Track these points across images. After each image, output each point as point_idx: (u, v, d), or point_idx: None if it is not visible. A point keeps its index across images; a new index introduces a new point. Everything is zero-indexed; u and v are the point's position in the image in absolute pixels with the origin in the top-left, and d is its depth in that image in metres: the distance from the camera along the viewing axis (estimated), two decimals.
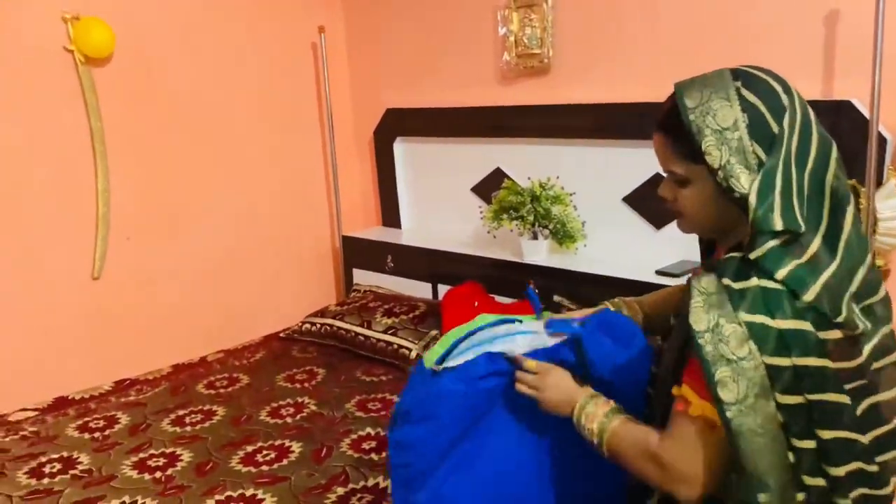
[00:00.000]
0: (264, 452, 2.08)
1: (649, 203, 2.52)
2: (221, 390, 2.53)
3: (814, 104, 1.14)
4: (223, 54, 3.01)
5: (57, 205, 2.65)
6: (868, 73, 1.92)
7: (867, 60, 1.92)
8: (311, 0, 3.30)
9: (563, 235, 2.63)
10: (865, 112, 1.98)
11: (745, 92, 1.10)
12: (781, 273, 1.04)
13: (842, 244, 1.08)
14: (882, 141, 1.98)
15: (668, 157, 1.18)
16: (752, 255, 1.06)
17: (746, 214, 1.06)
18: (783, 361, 1.02)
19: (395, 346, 2.64)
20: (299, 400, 2.42)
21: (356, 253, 3.31)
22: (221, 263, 3.08)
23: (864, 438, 1.04)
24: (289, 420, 2.28)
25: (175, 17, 2.88)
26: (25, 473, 2.03)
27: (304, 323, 2.99)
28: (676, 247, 2.45)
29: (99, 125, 2.72)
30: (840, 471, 1.03)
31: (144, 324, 2.87)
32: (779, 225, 1.04)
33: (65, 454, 2.13)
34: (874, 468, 1.06)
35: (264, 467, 2.00)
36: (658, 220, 2.53)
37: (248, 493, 1.88)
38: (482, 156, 3.00)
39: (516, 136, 2.86)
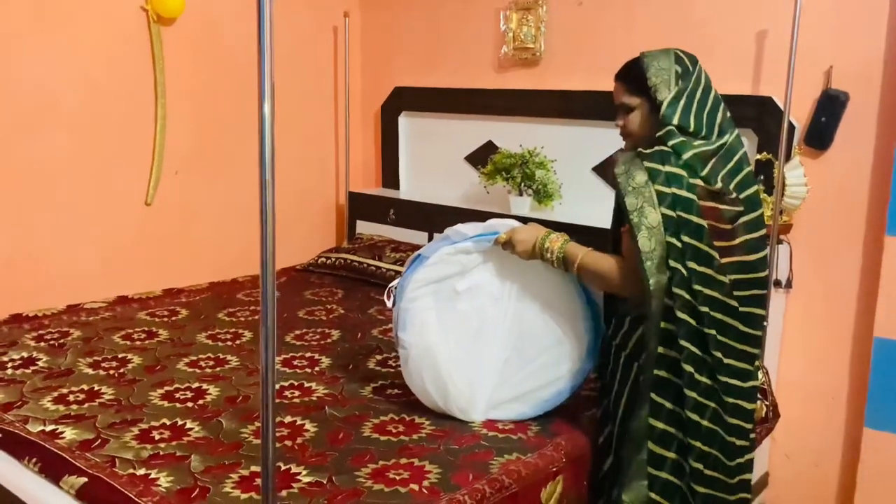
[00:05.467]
0: (310, 336, 2.63)
1: (612, 172, 3.18)
2: (260, 297, 3.06)
3: (744, 98, 1.82)
4: None
5: (121, 138, 3.15)
6: (784, 77, 2.61)
7: (784, 68, 2.61)
8: None
9: (543, 195, 3.25)
10: (781, 105, 2.67)
11: (679, 55, 1.84)
12: (672, 142, 1.74)
13: (720, 144, 1.78)
14: (791, 128, 2.67)
15: (621, 93, 1.89)
16: (658, 134, 1.76)
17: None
18: (666, 190, 1.71)
19: None
20: (329, 307, 2.98)
21: (360, 206, 3.88)
22: (247, 204, 3.59)
23: (715, 251, 1.71)
24: (324, 317, 2.84)
25: None
26: (121, 336, 2.56)
27: (319, 257, 3.55)
28: None
29: (162, 75, 3.23)
30: (696, 266, 1.69)
31: (186, 246, 3.38)
32: (676, 120, 1.75)
33: (145, 328, 2.65)
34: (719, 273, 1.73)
35: (318, 338, 2.56)
36: None
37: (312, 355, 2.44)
38: (477, 130, 3.61)
39: (508, 115, 3.49)
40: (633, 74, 1.85)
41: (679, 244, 1.69)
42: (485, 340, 2.00)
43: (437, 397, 1.97)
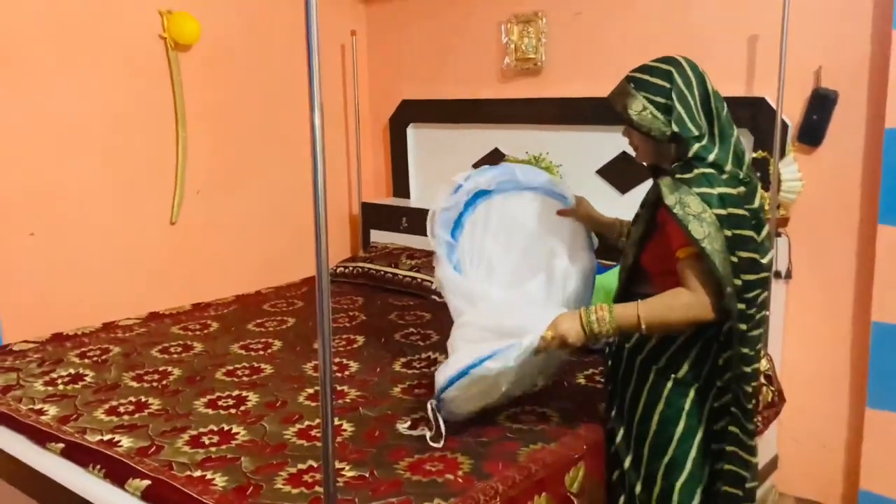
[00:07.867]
0: (336, 342, 2.78)
1: (616, 174, 3.32)
2: (285, 308, 3.22)
3: (739, 99, 1.86)
4: (278, 49, 3.69)
5: (145, 161, 3.30)
6: (776, 78, 2.75)
7: (775, 70, 2.75)
8: (342, 9, 4.03)
9: None
10: (774, 105, 2.81)
11: (636, 78, 1.89)
12: (706, 167, 1.75)
13: (736, 146, 1.81)
14: (784, 126, 2.81)
15: (628, 134, 1.95)
16: (691, 153, 1.77)
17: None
18: (722, 211, 1.71)
19: (420, 280, 3.36)
20: (351, 314, 3.12)
21: (373, 216, 4.03)
22: (266, 218, 3.75)
23: (764, 259, 1.80)
24: (348, 324, 2.99)
25: (246, 18, 3.58)
26: (158, 350, 2.71)
27: (337, 267, 3.69)
28: (636, 206, 3.24)
29: (181, 99, 3.38)
30: (750, 276, 1.76)
31: (210, 261, 3.53)
32: (695, 131, 1.77)
33: (181, 342, 2.80)
34: (767, 274, 1.83)
35: (344, 344, 2.71)
36: (623, 187, 3.32)
37: (341, 363, 2.58)
38: (483, 139, 3.76)
39: (512, 123, 3.64)
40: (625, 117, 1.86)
41: (737, 260, 1.73)
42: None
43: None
